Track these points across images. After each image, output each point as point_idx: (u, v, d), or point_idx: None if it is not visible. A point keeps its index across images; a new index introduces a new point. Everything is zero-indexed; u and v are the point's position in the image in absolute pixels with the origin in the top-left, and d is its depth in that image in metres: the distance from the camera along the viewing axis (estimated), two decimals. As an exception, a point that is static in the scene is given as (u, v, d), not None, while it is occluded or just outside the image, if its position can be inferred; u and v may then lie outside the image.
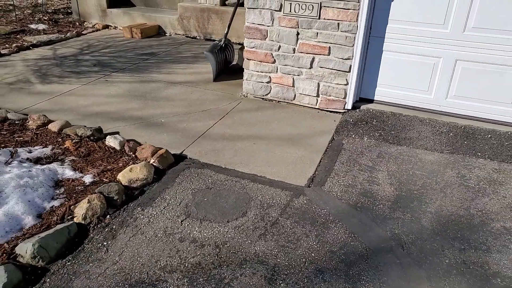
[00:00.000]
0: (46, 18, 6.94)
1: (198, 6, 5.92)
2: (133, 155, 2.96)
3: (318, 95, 3.78)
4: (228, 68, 4.78)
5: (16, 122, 3.34)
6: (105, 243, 2.17)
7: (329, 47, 3.56)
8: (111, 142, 3.04)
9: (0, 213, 2.15)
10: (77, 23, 6.84)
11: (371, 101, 3.86)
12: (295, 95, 3.87)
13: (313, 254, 2.15)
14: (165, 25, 6.28)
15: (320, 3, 3.43)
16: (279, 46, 3.73)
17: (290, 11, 3.55)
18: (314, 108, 3.85)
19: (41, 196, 2.38)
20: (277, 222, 2.38)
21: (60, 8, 7.88)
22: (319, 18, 3.49)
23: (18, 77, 4.40)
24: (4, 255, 1.95)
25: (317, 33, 3.54)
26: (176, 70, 4.78)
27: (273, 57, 3.79)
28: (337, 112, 3.79)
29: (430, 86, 3.59)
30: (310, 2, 3.45)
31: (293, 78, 3.80)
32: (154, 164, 2.81)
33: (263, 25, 3.71)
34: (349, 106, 3.75)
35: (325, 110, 3.83)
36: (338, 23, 3.45)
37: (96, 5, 6.61)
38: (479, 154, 3.13)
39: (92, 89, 4.12)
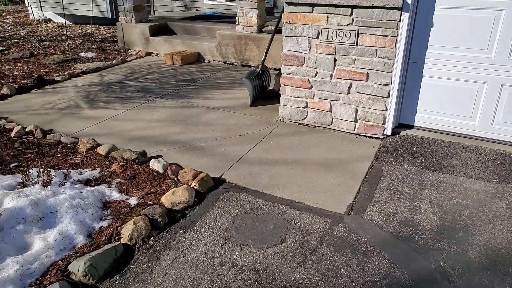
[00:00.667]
0: (94, 47, 7.40)
1: (236, 34, 6.12)
2: (176, 178, 3.06)
3: (356, 120, 3.78)
4: (264, 93, 4.88)
5: (68, 145, 3.55)
6: (149, 264, 2.25)
7: (367, 73, 3.58)
8: (155, 165, 3.17)
9: (56, 231, 2.28)
10: (122, 51, 7.23)
11: (411, 127, 3.82)
12: (332, 120, 3.89)
13: (354, 284, 2.13)
14: (204, 52, 6.53)
15: (358, 30, 3.48)
16: (316, 72, 3.79)
17: (327, 39, 3.62)
18: (352, 133, 3.85)
19: (91, 217, 2.51)
20: (316, 249, 2.38)
21: (107, 37, 8.38)
22: (356, 45, 3.53)
23: (69, 102, 4.70)
24: (59, 272, 2.07)
25: (355, 59, 3.58)
26: (215, 95, 4.93)
27: (310, 83, 3.85)
28: (375, 137, 3.77)
29: (474, 112, 3.51)
30: (347, 29, 3.51)
31: (330, 103, 3.83)
32: (195, 188, 2.89)
33: (300, 52, 3.79)
34: (388, 131, 3.72)
35: (363, 136, 3.82)
36: (376, 50, 3.47)
37: (139, 33, 6.99)
38: (528, 183, 3.01)
39: (136, 114, 4.33)
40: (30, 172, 2.85)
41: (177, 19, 7.40)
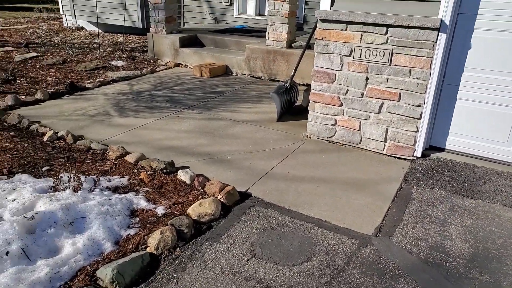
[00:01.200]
0: (124, 56, 7.59)
1: (265, 48, 6.17)
2: (202, 190, 3.07)
3: (385, 141, 3.72)
4: (291, 108, 4.88)
5: (98, 152, 3.62)
6: (175, 275, 2.24)
7: (400, 93, 3.54)
8: (182, 176, 3.19)
9: (85, 237, 2.31)
10: (152, 61, 7.39)
11: (441, 149, 3.73)
12: (361, 139, 3.84)
13: (383, 309, 2.06)
14: (232, 65, 6.60)
15: (392, 49, 3.45)
16: (347, 90, 3.77)
17: (360, 57, 3.60)
18: (381, 153, 3.79)
19: (119, 224, 2.53)
20: (343, 270, 2.33)
21: (137, 47, 8.58)
22: (390, 64, 3.50)
23: (99, 109, 4.80)
24: (87, 277, 2.09)
25: (388, 78, 3.55)
26: (241, 109, 4.96)
27: (340, 100, 3.83)
28: (405, 159, 3.70)
29: (510, 138, 3.41)
30: (381, 48, 3.49)
31: (360, 122, 3.79)
32: (222, 200, 2.89)
33: (331, 69, 3.78)
34: (418, 153, 3.65)
35: (392, 156, 3.75)
36: (410, 70, 3.43)
37: (169, 44, 7.13)
38: None
39: (164, 124, 4.39)
40: (61, 177, 2.90)
41: (207, 32, 7.53)
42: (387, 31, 3.44)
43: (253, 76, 6.47)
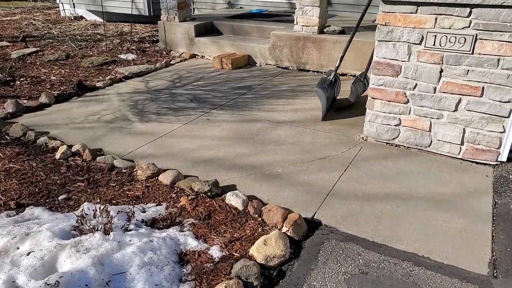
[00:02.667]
0: (134, 48, 6.93)
1: (293, 35, 5.52)
2: (260, 219, 2.50)
3: (462, 143, 3.13)
4: (334, 104, 4.26)
5: (123, 170, 3.04)
6: None
7: (483, 87, 2.93)
8: (233, 200, 2.61)
9: (133, 310, 1.75)
10: (164, 52, 6.73)
11: (530, 151, 3.14)
12: (431, 141, 3.25)
13: None
14: (255, 54, 5.95)
15: (476, 35, 2.82)
16: (415, 85, 3.15)
17: (433, 45, 2.98)
18: (456, 158, 3.21)
19: (168, 278, 1.97)
20: (471, 333, 1.77)
21: (145, 37, 7.90)
22: (472, 53, 2.88)
23: (116, 114, 4.20)
24: None
25: (468, 70, 2.93)
26: (276, 106, 4.35)
27: (406, 96, 3.22)
28: (486, 164, 3.11)
29: None
30: (461, 34, 2.86)
31: (430, 122, 3.19)
32: (289, 234, 2.32)
33: (396, 60, 3.16)
34: (503, 158, 3.06)
35: (469, 161, 3.17)
36: (499, 59, 2.81)
37: (183, 33, 6.46)
38: None
39: (194, 130, 3.79)
40: (86, 214, 2.32)
41: (223, 18, 6.84)
42: (470, 13, 2.80)
43: (279, 66, 5.82)
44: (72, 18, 10.16)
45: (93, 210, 2.37)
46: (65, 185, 2.87)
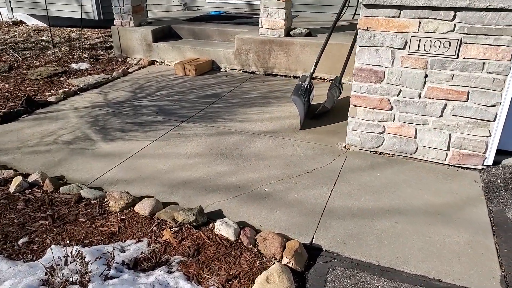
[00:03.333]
0: (86, 56, 6.40)
1: (259, 38, 5.31)
2: (255, 249, 2.27)
3: (448, 149, 3.08)
4: (309, 110, 4.11)
5: (93, 201, 2.68)
6: None
7: (468, 92, 2.88)
8: (223, 230, 2.36)
9: None
10: (120, 60, 6.28)
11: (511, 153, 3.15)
12: (416, 148, 3.18)
13: None
14: (219, 59, 5.68)
15: (460, 39, 2.76)
16: (400, 91, 3.06)
17: (418, 49, 2.89)
18: (442, 163, 3.15)
19: (164, 336, 1.69)
20: None
21: (97, 43, 7.36)
22: (457, 57, 2.82)
23: (75, 133, 3.78)
24: None
25: (453, 75, 2.87)
26: (250, 116, 4.12)
27: (390, 103, 3.12)
28: (471, 168, 3.08)
29: None
30: (446, 38, 2.79)
31: (416, 128, 3.11)
32: (290, 266, 2.12)
33: (379, 66, 3.05)
34: (489, 161, 3.04)
35: (455, 166, 3.12)
36: (484, 63, 2.77)
37: (140, 39, 6.05)
38: None
39: (166, 147, 3.47)
40: (56, 264, 1.97)
41: (181, 21, 6.50)
42: (454, 16, 2.73)
43: (246, 71, 5.60)
44: (11, 23, 9.31)
45: (64, 256, 2.04)
46: (24, 225, 2.48)
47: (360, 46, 3.06)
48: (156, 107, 4.37)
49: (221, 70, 5.71)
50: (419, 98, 3.02)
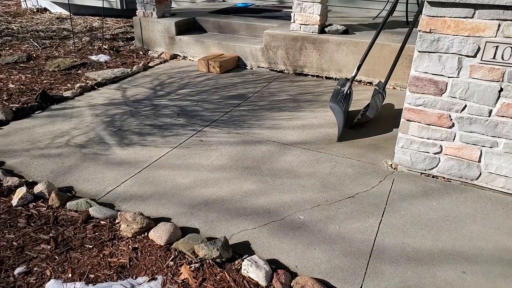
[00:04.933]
0: (106, 47, 6.07)
1: (290, 34, 4.85)
2: (291, 300, 1.86)
3: (519, 177, 2.59)
4: (347, 118, 3.65)
5: (102, 222, 2.32)
6: None
7: (552, 111, 2.38)
8: (251, 272, 1.96)
9: None
10: (141, 52, 5.92)
11: None
12: (480, 173, 2.69)
13: None
14: (245, 56, 5.25)
15: (548, 47, 2.26)
16: (464, 106, 2.58)
17: (493, 58, 2.40)
18: (509, 194, 2.67)
19: None
20: None
21: (118, 33, 7.03)
22: (541, 69, 2.32)
23: (89, 134, 3.44)
24: None
25: (534, 90, 2.37)
26: (280, 122, 3.70)
27: (451, 120, 2.64)
28: (547, 201, 2.59)
29: None
30: (529, 45, 2.29)
31: (481, 151, 2.63)
32: (336, 328, 1.70)
33: (441, 75, 2.57)
34: None
35: (526, 197, 2.63)
36: None
37: (162, 31, 5.68)
38: None
39: (187, 156, 3.09)
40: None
41: (206, 13, 6.09)
42: (543, 18, 2.23)
43: (273, 69, 5.15)
44: (35, 10, 9.10)
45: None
46: (23, 248, 2.14)
47: (419, 52, 2.58)
48: (178, 108, 3.99)
49: (247, 67, 5.29)
50: (489, 116, 2.54)
